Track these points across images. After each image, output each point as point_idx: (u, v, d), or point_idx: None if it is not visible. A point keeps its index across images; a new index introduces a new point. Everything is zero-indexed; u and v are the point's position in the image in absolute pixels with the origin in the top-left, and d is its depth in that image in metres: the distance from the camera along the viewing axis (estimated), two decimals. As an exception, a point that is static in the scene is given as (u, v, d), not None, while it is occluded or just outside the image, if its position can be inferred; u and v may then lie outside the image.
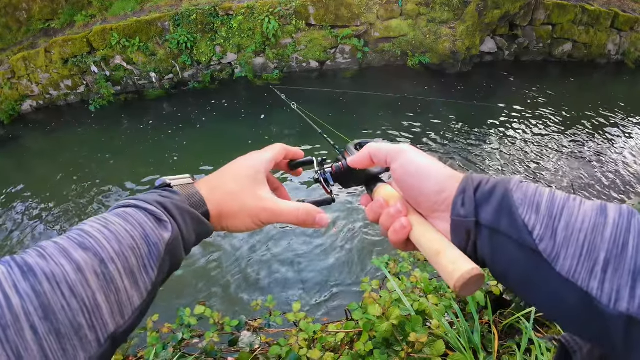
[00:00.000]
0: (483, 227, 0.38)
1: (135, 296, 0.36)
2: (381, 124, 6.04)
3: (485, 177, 0.40)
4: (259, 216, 0.50)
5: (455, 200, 0.40)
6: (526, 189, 0.36)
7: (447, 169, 0.43)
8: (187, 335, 1.43)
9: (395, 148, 0.47)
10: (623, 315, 0.28)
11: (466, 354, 1.18)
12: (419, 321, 1.13)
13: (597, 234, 0.31)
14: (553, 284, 0.32)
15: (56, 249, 0.33)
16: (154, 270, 0.38)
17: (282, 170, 0.63)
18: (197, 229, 0.46)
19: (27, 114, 7.49)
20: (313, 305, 3.16)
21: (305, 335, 1.31)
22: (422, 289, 1.39)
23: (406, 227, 0.44)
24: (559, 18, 7.85)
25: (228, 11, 7.05)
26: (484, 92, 7.08)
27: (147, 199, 0.43)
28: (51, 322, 0.30)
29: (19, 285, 0.30)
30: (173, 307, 1.61)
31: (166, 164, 5.42)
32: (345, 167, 0.57)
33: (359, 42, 7.40)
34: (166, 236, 0.40)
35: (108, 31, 6.95)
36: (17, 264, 0.31)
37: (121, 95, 7.49)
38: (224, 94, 7.34)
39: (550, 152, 5.36)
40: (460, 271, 0.37)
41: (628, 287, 0.29)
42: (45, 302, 0.30)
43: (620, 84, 7.83)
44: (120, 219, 0.39)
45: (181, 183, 0.49)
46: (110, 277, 0.34)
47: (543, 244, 0.33)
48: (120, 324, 0.34)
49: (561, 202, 0.34)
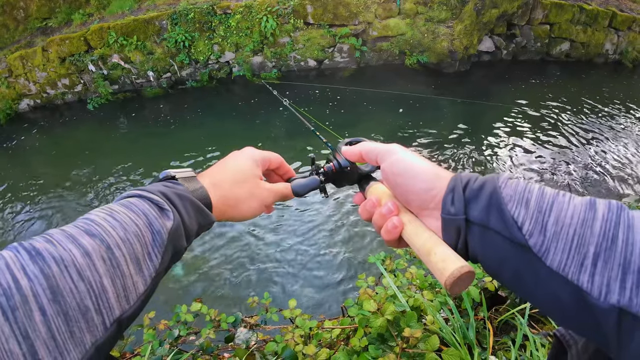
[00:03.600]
0: (473, 224, 0.38)
1: (140, 282, 0.37)
2: (378, 122, 6.05)
3: (474, 174, 0.41)
4: (266, 199, 0.56)
5: (445, 199, 0.40)
6: (515, 185, 0.37)
7: (436, 167, 0.44)
8: (184, 332, 1.43)
9: (385, 148, 0.49)
10: (614, 307, 0.29)
11: (461, 349, 1.19)
12: (414, 317, 1.13)
13: (587, 228, 0.31)
14: (544, 279, 0.33)
15: (63, 235, 0.34)
16: (157, 258, 0.39)
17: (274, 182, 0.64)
18: (199, 218, 0.46)
19: (24, 112, 7.47)
20: (309, 302, 3.17)
21: (301, 331, 1.32)
22: (418, 285, 1.40)
23: (398, 227, 0.45)
24: (557, 17, 7.87)
25: (226, 10, 7.04)
26: (482, 92, 7.09)
27: (150, 189, 0.44)
28: (59, 305, 0.30)
29: (28, 268, 0.30)
30: (169, 304, 1.61)
31: (164, 162, 5.42)
32: (337, 168, 0.58)
33: (357, 41, 7.40)
34: (169, 224, 0.41)
35: (105, 30, 6.94)
36: (24, 249, 0.32)
37: (119, 94, 7.48)
38: (221, 92, 7.34)
39: (547, 150, 5.37)
40: (450, 269, 0.37)
41: (618, 279, 0.29)
42: (53, 285, 0.30)
43: (618, 84, 7.85)
44: (124, 208, 0.40)
45: (184, 176, 0.50)
46: (117, 263, 0.35)
47: (533, 239, 0.33)
48: (125, 309, 0.35)
49: (550, 197, 0.34)
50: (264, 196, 0.56)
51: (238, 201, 0.53)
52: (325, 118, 6.07)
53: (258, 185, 0.55)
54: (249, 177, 0.54)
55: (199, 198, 0.47)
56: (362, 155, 0.52)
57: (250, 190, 0.54)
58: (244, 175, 0.54)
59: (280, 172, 0.64)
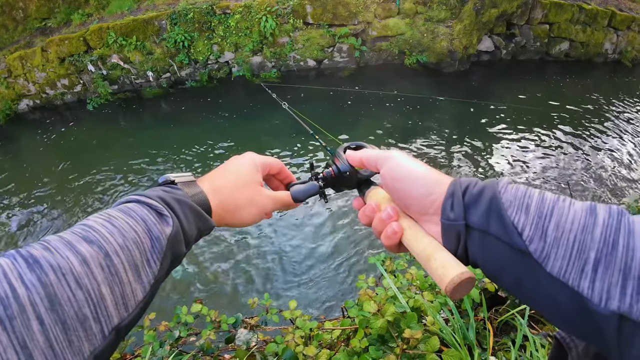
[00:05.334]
0: (473, 230, 0.38)
1: (139, 289, 0.36)
2: (378, 122, 6.05)
3: (473, 179, 0.40)
4: (266, 207, 0.55)
5: (444, 204, 0.40)
6: (515, 190, 0.36)
7: (435, 172, 0.44)
8: (184, 333, 1.43)
9: (384, 154, 0.48)
10: (614, 313, 0.28)
11: (461, 350, 1.19)
12: (414, 318, 1.13)
13: (587, 233, 0.31)
14: (544, 285, 0.32)
15: (61, 242, 0.33)
16: (156, 264, 0.39)
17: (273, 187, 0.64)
18: (198, 223, 0.46)
19: (23, 113, 7.46)
20: (309, 303, 3.17)
21: (302, 332, 1.32)
22: (418, 286, 1.40)
23: (397, 232, 0.45)
24: (556, 17, 7.87)
25: (225, 10, 7.04)
26: (481, 91, 7.09)
27: (149, 195, 0.43)
28: (57, 313, 0.30)
29: (25, 276, 0.30)
30: (170, 305, 1.61)
31: (164, 162, 5.41)
32: (336, 173, 0.58)
33: (357, 41, 7.40)
34: (168, 230, 0.41)
35: (105, 30, 6.93)
36: (22, 256, 0.31)
37: (118, 94, 7.47)
38: (221, 92, 7.33)
39: (546, 151, 5.38)
40: (451, 275, 0.37)
41: (619, 285, 0.29)
42: (51, 293, 0.30)
43: (617, 83, 7.85)
44: (123, 214, 0.39)
45: (184, 180, 0.50)
46: (115, 270, 0.34)
47: (533, 245, 0.33)
48: (124, 317, 0.35)
49: (551, 202, 0.34)
50: (264, 203, 0.55)
51: (237, 207, 0.52)
52: (324, 118, 6.07)
53: (258, 192, 0.55)
54: (249, 183, 0.54)
55: (198, 203, 0.47)
56: (363, 162, 0.52)
57: (250, 196, 0.53)
58: (244, 181, 0.54)
59: (281, 177, 0.63)
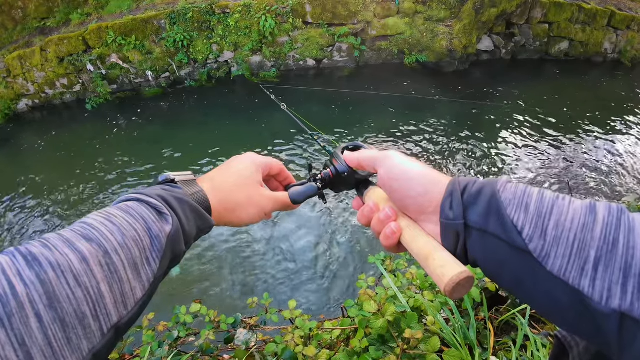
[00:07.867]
0: (472, 229, 0.38)
1: (138, 288, 0.36)
2: (377, 122, 6.04)
3: (472, 178, 0.40)
4: (265, 207, 0.55)
5: (443, 203, 0.40)
6: (514, 189, 0.36)
7: (433, 172, 0.44)
8: (183, 333, 1.42)
9: (381, 154, 0.49)
10: (615, 312, 0.28)
11: (462, 350, 1.18)
12: (415, 318, 1.13)
13: (587, 232, 0.31)
14: (544, 284, 0.32)
15: (60, 240, 0.33)
16: (156, 263, 0.39)
17: (273, 188, 0.64)
18: (198, 222, 0.46)
19: (22, 113, 7.45)
20: (309, 303, 3.16)
21: (301, 332, 1.31)
22: (418, 285, 1.39)
23: (396, 232, 0.45)
24: (556, 16, 7.87)
25: (224, 9, 7.03)
26: (481, 91, 7.09)
27: (149, 193, 0.43)
28: (56, 311, 0.29)
29: (24, 273, 0.29)
30: (169, 305, 1.60)
31: (163, 162, 5.41)
32: (334, 174, 0.58)
33: (356, 41, 7.40)
34: (167, 229, 0.41)
35: (104, 29, 6.92)
36: (21, 254, 0.31)
37: (118, 93, 7.46)
38: (220, 92, 7.32)
39: (546, 150, 5.37)
40: (450, 274, 0.37)
41: (619, 284, 0.29)
42: (50, 290, 0.30)
43: (616, 83, 7.86)
44: (122, 212, 0.39)
45: (184, 179, 0.50)
46: (114, 268, 0.34)
47: (533, 243, 0.33)
48: (123, 315, 0.34)
49: (550, 201, 0.34)
50: (264, 204, 0.55)
51: (237, 206, 0.53)
52: (323, 117, 6.06)
53: (258, 192, 0.55)
54: (249, 183, 0.54)
55: (198, 202, 0.47)
56: (360, 163, 0.52)
57: (250, 196, 0.54)
58: (244, 181, 0.54)
59: (280, 178, 0.63)
